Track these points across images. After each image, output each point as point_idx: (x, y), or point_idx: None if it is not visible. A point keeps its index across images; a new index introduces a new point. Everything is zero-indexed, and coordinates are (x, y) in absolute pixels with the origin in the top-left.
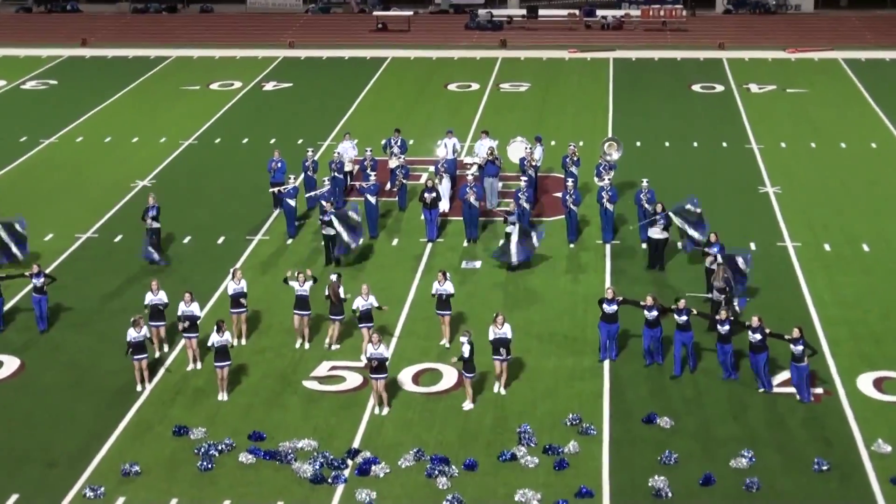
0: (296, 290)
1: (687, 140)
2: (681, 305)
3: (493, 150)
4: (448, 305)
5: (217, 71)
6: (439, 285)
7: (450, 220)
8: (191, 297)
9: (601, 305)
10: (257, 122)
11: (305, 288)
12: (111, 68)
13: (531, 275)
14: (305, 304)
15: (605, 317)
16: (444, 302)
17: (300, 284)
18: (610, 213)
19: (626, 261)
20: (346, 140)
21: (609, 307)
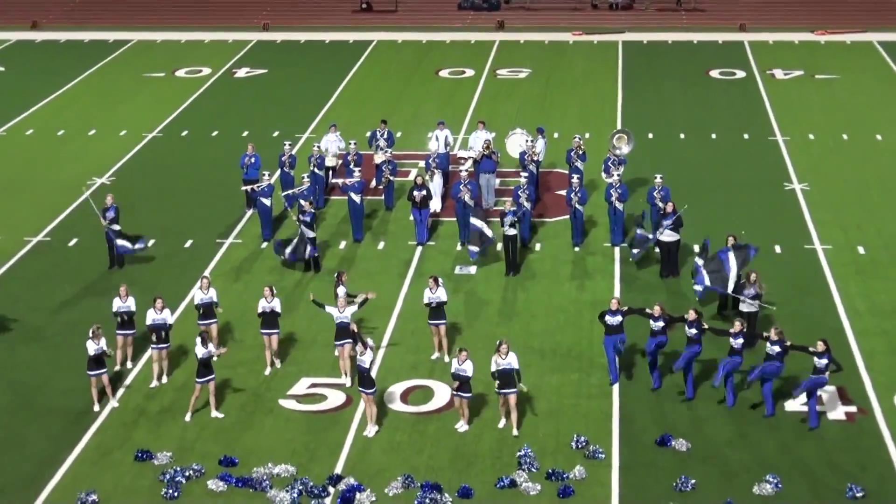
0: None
1: (704, 132)
2: (690, 317)
3: (490, 143)
4: (442, 314)
5: (183, 56)
6: (431, 293)
7: (442, 220)
8: (162, 304)
9: (602, 319)
10: (228, 113)
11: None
12: (65, 53)
13: (532, 281)
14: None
15: (608, 329)
16: (437, 311)
17: (340, 310)
18: (619, 212)
19: (635, 265)
20: (331, 132)
21: (612, 318)
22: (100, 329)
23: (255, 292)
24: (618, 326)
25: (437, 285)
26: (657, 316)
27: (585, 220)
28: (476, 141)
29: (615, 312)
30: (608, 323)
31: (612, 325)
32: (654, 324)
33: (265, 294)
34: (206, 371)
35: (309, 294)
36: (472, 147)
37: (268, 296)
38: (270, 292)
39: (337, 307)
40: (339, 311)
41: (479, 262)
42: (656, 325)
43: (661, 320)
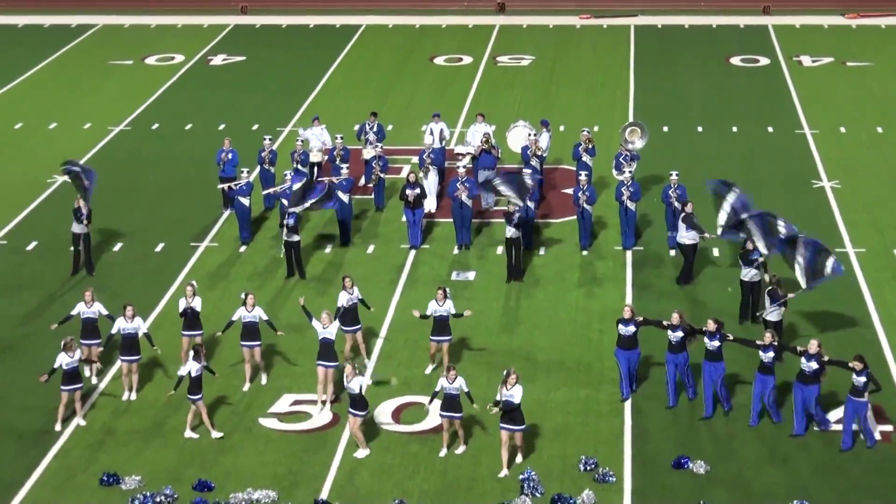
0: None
1: (725, 124)
2: (711, 327)
3: (490, 137)
4: (448, 330)
5: (153, 42)
6: (439, 305)
7: (437, 222)
8: (132, 312)
9: (617, 326)
10: (203, 105)
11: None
12: (22, 39)
13: (536, 288)
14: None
15: (621, 341)
16: (443, 325)
17: (324, 326)
18: (631, 213)
19: (651, 271)
20: (314, 125)
21: (626, 329)
22: (73, 340)
23: (233, 301)
24: (631, 338)
25: (445, 297)
26: (676, 325)
27: (594, 222)
28: (474, 135)
29: (628, 322)
30: (621, 333)
31: (625, 335)
32: (672, 335)
33: (246, 302)
34: (199, 388)
35: (300, 299)
36: (469, 141)
37: (248, 304)
38: (251, 301)
39: (321, 322)
40: (322, 327)
41: (478, 266)
42: (675, 337)
43: (681, 330)
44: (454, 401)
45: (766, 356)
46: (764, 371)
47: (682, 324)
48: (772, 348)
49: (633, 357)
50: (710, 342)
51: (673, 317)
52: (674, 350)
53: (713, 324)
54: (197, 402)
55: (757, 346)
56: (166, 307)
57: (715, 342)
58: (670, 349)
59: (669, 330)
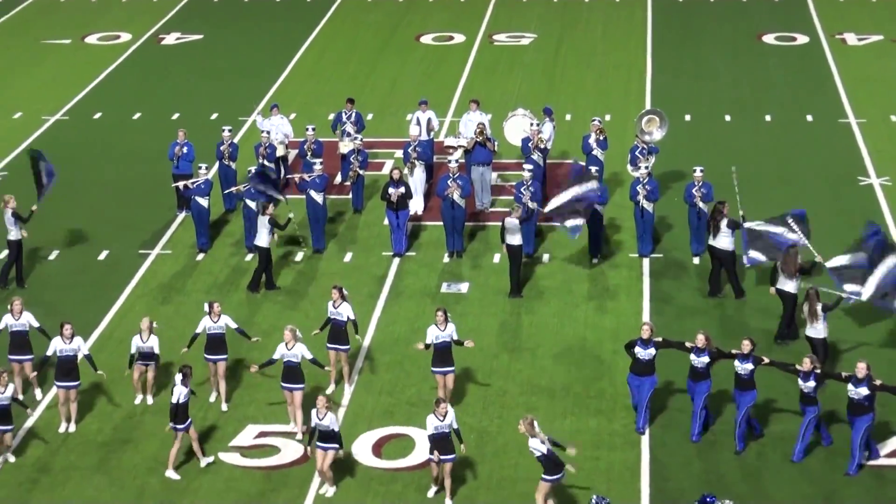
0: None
1: (756, 112)
2: (745, 349)
3: (485, 127)
4: (451, 358)
5: (95, 18)
6: (440, 330)
7: (425, 225)
8: (71, 331)
9: (631, 350)
10: (154, 91)
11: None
12: None
13: (539, 302)
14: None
15: (636, 366)
16: (445, 354)
17: (287, 346)
18: (649, 215)
19: (672, 282)
20: (273, 114)
21: (644, 351)
22: (5, 373)
23: (189, 317)
24: (649, 363)
25: (446, 320)
26: (702, 349)
27: (606, 225)
28: (468, 125)
29: (647, 343)
30: (638, 357)
31: (643, 360)
32: (696, 359)
33: (211, 311)
34: (186, 416)
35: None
36: (462, 133)
37: (214, 313)
38: (217, 310)
39: (284, 342)
40: (286, 348)
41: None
42: (699, 362)
43: (707, 355)
44: (445, 440)
45: (807, 385)
46: (806, 401)
47: (708, 347)
48: (813, 375)
49: (647, 385)
50: (741, 365)
51: (698, 338)
52: (697, 377)
53: (748, 344)
54: (183, 431)
55: (796, 372)
56: (111, 325)
57: (747, 365)
58: (693, 376)
59: (693, 353)
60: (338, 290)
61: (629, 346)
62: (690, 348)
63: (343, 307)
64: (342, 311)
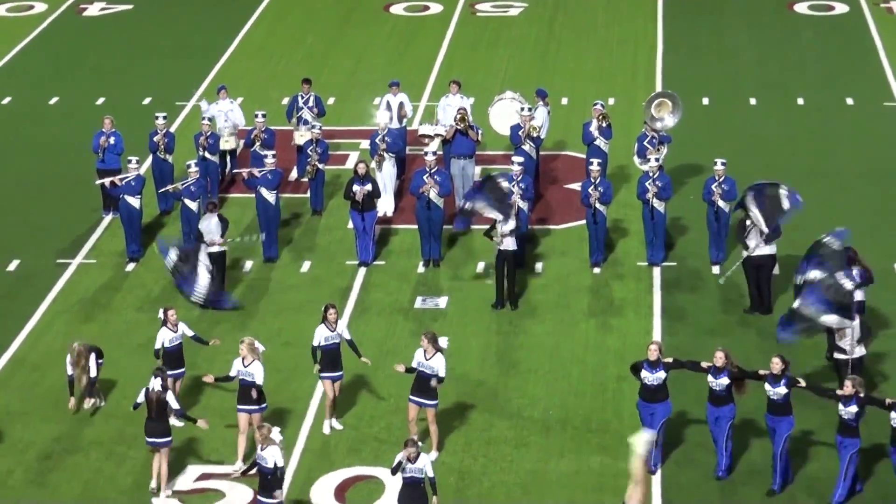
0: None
1: (787, 95)
2: (775, 368)
3: (467, 113)
4: (434, 392)
5: None
6: (425, 358)
7: (395, 229)
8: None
9: (637, 373)
10: (74, 71)
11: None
12: None
13: (532, 319)
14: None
15: (645, 391)
16: (424, 385)
17: (244, 363)
18: (660, 215)
19: (688, 296)
20: (221, 98)
21: (652, 375)
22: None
23: (116, 338)
24: (659, 388)
25: (434, 347)
26: (720, 369)
27: (610, 227)
28: (446, 111)
29: (656, 366)
30: (645, 382)
31: (652, 385)
32: (714, 381)
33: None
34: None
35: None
36: (440, 120)
37: (171, 321)
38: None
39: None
40: (242, 364)
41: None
42: (718, 384)
43: (725, 376)
44: (416, 488)
45: (848, 411)
46: (845, 432)
47: (728, 365)
48: (855, 401)
49: (660, 413)
50: (772, 388)
51: (716, 356)
52: (717, 401)
53: (780, 363)
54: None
55: (836, 398)
56: (23, 348)
57: (780, 388)
58: (712, 400)
59: (711, 374)
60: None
61: (635, 368)
62: (707, 369)
63: (340, 327)
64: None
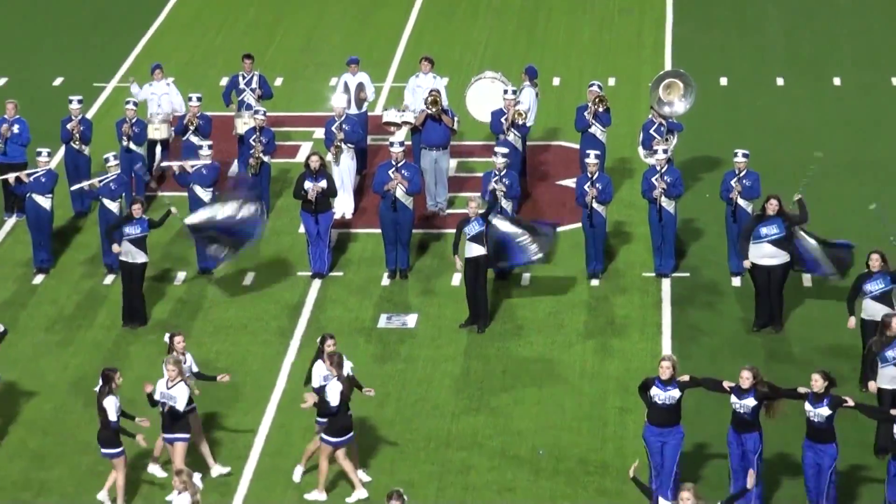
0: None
1: (821, 74)
2: (816, 385)
3: (440, 95)
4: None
5: None
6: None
7: (355, 233)
8: None
9: (645, 393)
10: None
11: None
12: None
13: (517, 340)
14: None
15: (655, 414)
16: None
17: (168, 384)
18: (669, 217)
19: (703, 312)
20: (156, 79)
21: (664, 393)
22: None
23: (21, 362)
24: (672, 410)
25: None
26: (746, 389)
27: (610, 232)
28: (416, 93)
29: (668, 384)
30: (656, 401)
31: (663, 406)
32: (739, 403)
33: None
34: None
35: None
36: (408, 104)
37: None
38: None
39: (166, 379)
40: (165, 386)
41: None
42: (743, 406)
43: (752, 396)
44: None
45: None
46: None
47: (756, 384)
48: None
49: (671, 442)
50: (814, 409)
51: (742, 377)
52: (741, 426)
53: (821, 379)
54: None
55: (890, 419)
56: None
57: (823, 409)
58: (736, 425)
59: (734, 395)
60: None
61: (644, 387)
62: (730, 388)
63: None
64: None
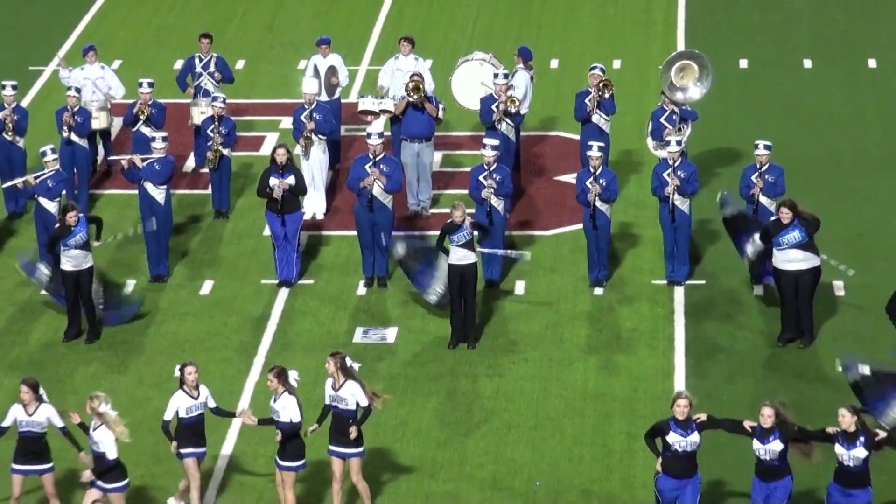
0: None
1: (854, 55)
2: (844, 422)
3: (422, 80)
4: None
5: None
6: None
7: (328, 236)
8: None
9: (653, 440)
10: None
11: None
12: None
13: (510, 357)
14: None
15: (672, 464)
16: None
17: (27, 411)
18: (683, 216)
19: (721, 325)
20: (89, 61)
21: (685, 440)
22: None
23: None
24: (693, 456)
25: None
26: (769, 429)
27: (615, 234)
28: (395, 78)
29: (687, 427)
30: (675, 449)
31: (682, 453)
32: (762, 448)
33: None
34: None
35: None
36: (385, 89)
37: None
38: (28, 395)
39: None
40: (24, 412)
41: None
42: (768, 452)
43: (777, 439)
44: None
45: None
46: None
47: (779, 422)
48: None
49: (689, 493)
50: (845, 450)
51: (763, 414)
52: (767, 474)
53: (849, 414)
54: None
55: None
56: None
57: (857, 451)
58: (761, 473)
59: (756, 437)
60: (337, 361)
61: (655, 433)
62: (752, 429)
63: (348, 387)
64: (345, 393)
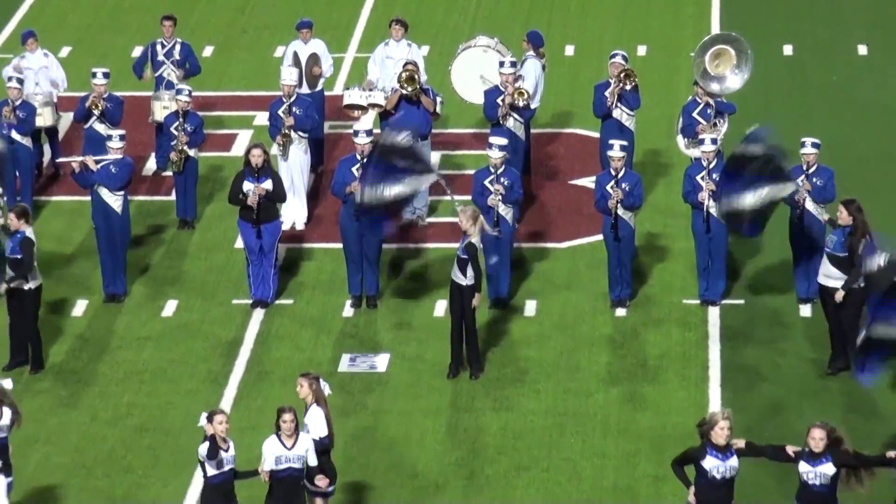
0: None
1: None
2: None
3: (417, 70)
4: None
5: None
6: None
7: (310, 249)
8: None
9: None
10: None
11: None
12: None
13: (520, 388)
14: None
15: (705, 492)
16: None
17: None
18: (719, 226)
19: (762, 350)
20: (29, 50)
21: (723, 465)
22: None
23: None
24: (727, 487)
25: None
26: (819, 455)
27: (640, 246)
28: (386, 67)
29: (725, 452)
30: (713, 476)
31: (719, 480)
32: (811, 471)
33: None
34: None
35: None
36: (375, 81)
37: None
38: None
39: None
40: None
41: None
42: (819, 475)
43: (829, 462)
44: None
45: None
46: None
47: (830, 449)
48: None
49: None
50: None
51: (813, 436)
52: (814, 501)
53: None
54: None
55: None
56: None
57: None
58: (804, 499)
59: (805, 461)
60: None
61: (686, 460)
62: (797, 455)
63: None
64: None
